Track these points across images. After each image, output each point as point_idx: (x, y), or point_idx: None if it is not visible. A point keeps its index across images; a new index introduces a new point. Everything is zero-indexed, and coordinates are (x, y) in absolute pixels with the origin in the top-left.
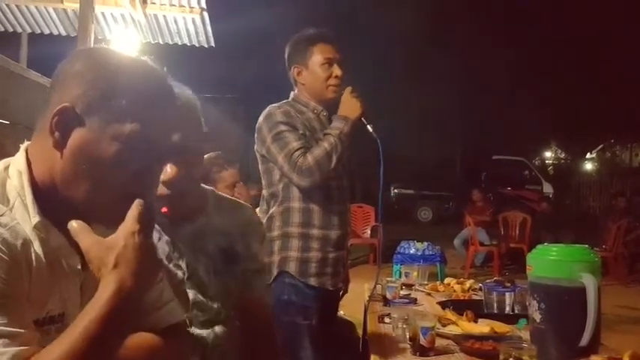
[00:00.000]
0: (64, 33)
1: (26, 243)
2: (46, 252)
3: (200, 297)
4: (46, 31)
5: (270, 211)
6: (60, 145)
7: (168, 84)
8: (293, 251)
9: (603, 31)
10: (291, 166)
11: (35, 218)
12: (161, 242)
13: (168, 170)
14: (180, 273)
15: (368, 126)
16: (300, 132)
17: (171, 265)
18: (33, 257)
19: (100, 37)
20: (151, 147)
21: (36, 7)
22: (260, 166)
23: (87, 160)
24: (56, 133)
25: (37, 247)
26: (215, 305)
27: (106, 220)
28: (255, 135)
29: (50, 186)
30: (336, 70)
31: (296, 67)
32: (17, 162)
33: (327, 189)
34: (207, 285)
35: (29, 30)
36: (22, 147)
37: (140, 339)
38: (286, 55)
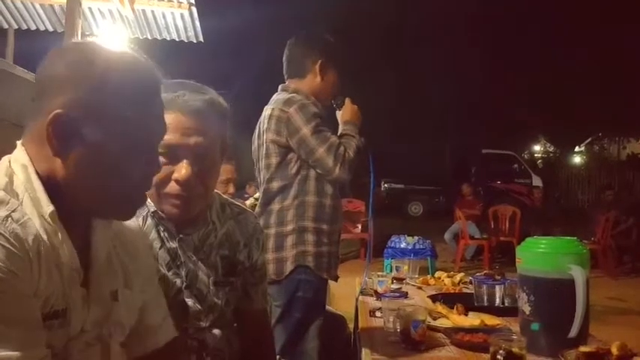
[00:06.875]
0: (50, 29)
1: (37, 238)
2: (53, 246)
3: (198, 306)
4: (33, 27)
5: (283, 204)
6: (60, 153)
7: (157, 74)
8: (310, 246)
9: (592, 26)
10: (337, 160)
11: (49, 207)
12: (162, 251)
13: (183, 170)
14: (178, 281)
15: (361, 138)
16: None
17: (170, 274)
18: (43, 252)
19: (87, 33)
20: (149, 138)
21: (22, 3)
22: (274, 157)
23: (91, 165)
24: (54, 142)
25: (46, 241)
26: (212, 315)
27: (110, 215)
28: (279, 124)
29: (52, 183)
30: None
31: (324, 62)
32: (19, 158)
33: (334, 184)
34: (206, 294)
35: (16, 26)
36: (19, 143)
37: None
38: (314, 44)
